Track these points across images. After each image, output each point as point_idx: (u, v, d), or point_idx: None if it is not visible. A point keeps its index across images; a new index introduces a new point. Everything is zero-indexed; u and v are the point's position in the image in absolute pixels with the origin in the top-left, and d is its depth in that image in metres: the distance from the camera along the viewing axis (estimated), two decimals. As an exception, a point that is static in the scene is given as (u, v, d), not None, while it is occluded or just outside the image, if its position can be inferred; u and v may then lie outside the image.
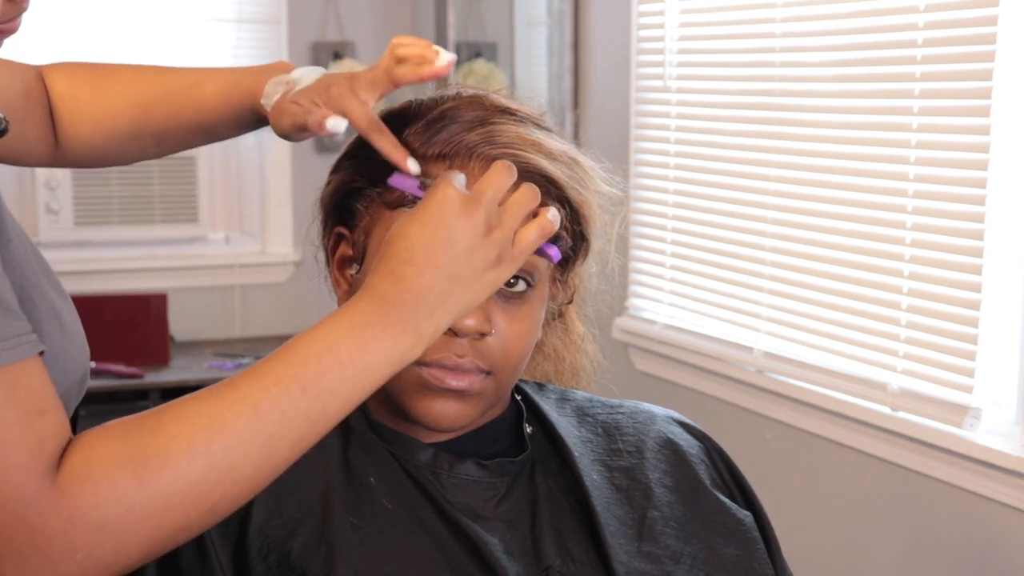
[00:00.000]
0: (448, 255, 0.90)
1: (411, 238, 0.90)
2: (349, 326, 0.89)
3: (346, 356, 0.88)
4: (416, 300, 0.90)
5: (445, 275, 0.90)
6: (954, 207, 2.22)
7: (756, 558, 1.19)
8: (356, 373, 0.89)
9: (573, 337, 1.29)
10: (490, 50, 3.91)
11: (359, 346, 0.89)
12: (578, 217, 1.14)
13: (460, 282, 0.90)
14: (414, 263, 0.90)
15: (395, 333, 0.89)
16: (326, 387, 0.88)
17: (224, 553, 1.08)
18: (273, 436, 0.87)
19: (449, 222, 0.90)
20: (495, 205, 0.92)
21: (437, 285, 0.90)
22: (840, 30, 2.49)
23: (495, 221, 0.92)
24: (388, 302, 0.90)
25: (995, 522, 2.20)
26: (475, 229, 0.90)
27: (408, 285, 0.90)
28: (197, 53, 3.83)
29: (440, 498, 1.11)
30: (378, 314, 0.89)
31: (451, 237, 0.90)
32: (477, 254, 0.91)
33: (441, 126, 1.10)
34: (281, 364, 0.88)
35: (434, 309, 0.90)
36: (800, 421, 2.67)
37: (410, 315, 0.90)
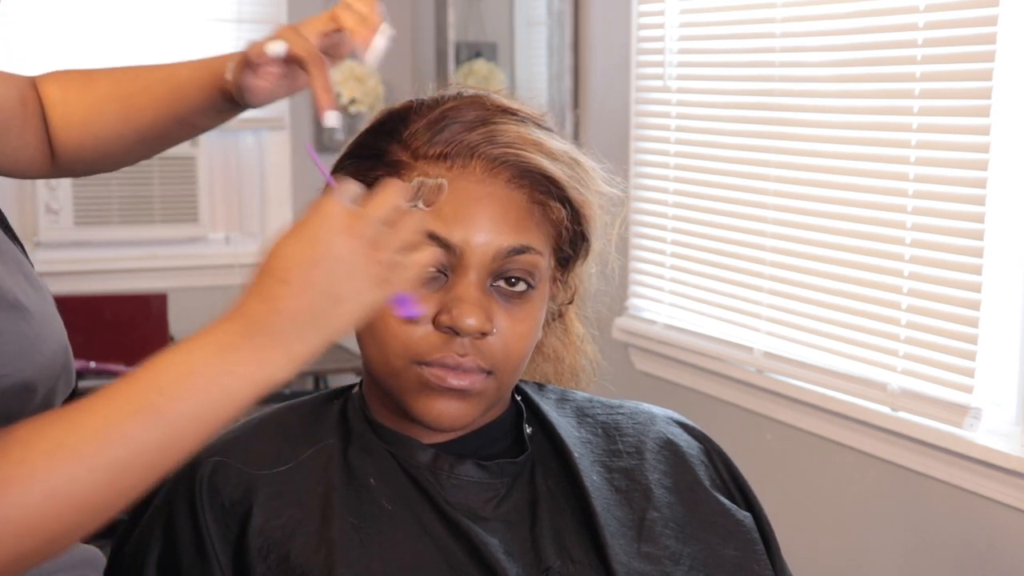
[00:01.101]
0: (326, 274, 0.84)
1: (288, 256, 0.85)
2: (213, 349, 0.84)
3: (206, 382, 0.84)
4: (288, 322, 0.84)
5: (321, 295, 0.85)
6: (954, 207, 2.22)
7: (755, 559, 1.19)
8: (215, 400, 0.84)
9: (572, 338, 1.29)
10: (490, 50, 3.91)
11: (222, 371, 0.84)
12: (579, 217, 1.14)
13: (337, 302, 0.85)
14: (289, 283, 0.84)
15: (262, 357, 0.85)
16: (182, 414, 0.83)
17: (224, 553, 1.08)
18: (121, 463, 0.82)
19: (330, 240, 0.85)
20: (381, 225, 0.87)
21: (312, 305, 0.85)
22: (840, 30, 2.49)
23: (381, 241, 0.86)
24: (257, 323, 0.85)
25: (995, 522, 2.20)
26: (357, 249, 0.85)
27: (281, 306, 0.84)
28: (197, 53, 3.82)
29: (440, 499, 1.11)
30: (245, 336, 0.85)
31: (330, 255, 0.85)
32: (358, 275, 0.85)
33: (442, 126, 1.10)
34: (136, 388, 0.84)
35: (306, 330, 0.85)
36: (800, 421, 2.67)
37: (280, 337, 0.84)
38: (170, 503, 1.11)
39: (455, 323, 1.06)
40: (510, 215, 1.09)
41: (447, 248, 1.07)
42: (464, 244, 1.07)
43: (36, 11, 3.65)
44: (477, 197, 1.08)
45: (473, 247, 1.07)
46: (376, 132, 1.15)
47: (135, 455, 0.83)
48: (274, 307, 0.85)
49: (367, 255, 0.86)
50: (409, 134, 1.11)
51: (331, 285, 0.85)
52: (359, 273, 0.85)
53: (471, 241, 1.07)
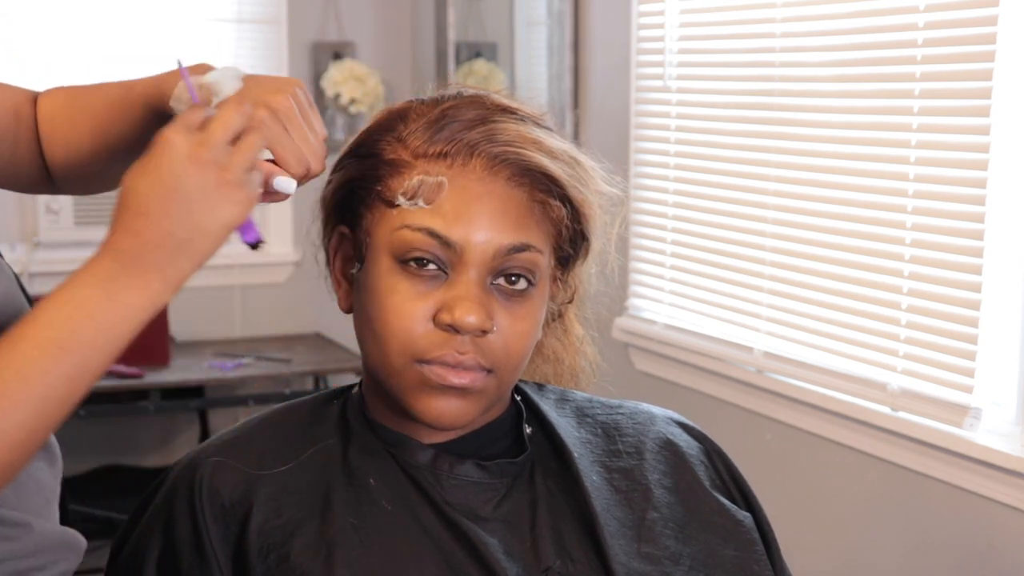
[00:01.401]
0: (181, 202, 0.90)
1: (142, 192, 0.91)
2: (95, 283, 0.91)
3: (96, 311, 0.90)
4: (157, 250, 0.90)
5: (181, 222, 0.90)
6: (954, 207, 2.22)
7: (755, 559, 1.19)
8: (110, 326, 0.91)
9: (572, 339, 1.29)
10: (490, 50, 3.91)
11: (107, 299, 0.90)
12: (579, 216, 1.14)
13: (198, 226, 0.91)
14: (148, 215, 0.90)
15: (140, 284, 0.91)
16: (83, 343, 0.90)
17: (224, 554, 1.08)
18: (40, 398, 0.89)
19: (177, 171, 0.90)
20: (225, 146, 0.92)
21: (175, 233, 0.90)
22: (840, 30, 2.49)
23: (224, 161, 0.92)
24: (128, 255, 0.91)
25: (995, 522, 2.20)
26: (203, 174, 0.90)
27: (145, 237, 0.90)
28: (197, 53, 3.83)
29: (440, 499, 1.11)
30: (120, 268, 0.91)
31: (182, 184, 0.90)
32: (210, 197, 0.91)
33: (442, 125, 1.10)
34: (34, 328, 0.90)
35: (175, 255, 0.91)
36: (800, 421, 2.67)
37: (152, 265, 0.91)
38: (170, 503, 1.11)
39: (455, 321, 1.06)
40: (510, 213, 1.09)
41: (447, 246, 1.07)
42: (464, 242, 1.07)
43: (36, 11, 3.65)
44: (477, 195, 1.08)
45: (473, 245, 1.07)
46: (376, 131, 1.15)
47: (51, 389, 0.89)
48: (139, 239, 0.91)
49: (216, 177, 0.91)
50: (409, 133, 1.11)
51: (188, 212, 0.90)
52: (212, 196, 0.91)
53: (471, 239, 1.07)
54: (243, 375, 3.54)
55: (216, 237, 0.92)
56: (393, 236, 1.09)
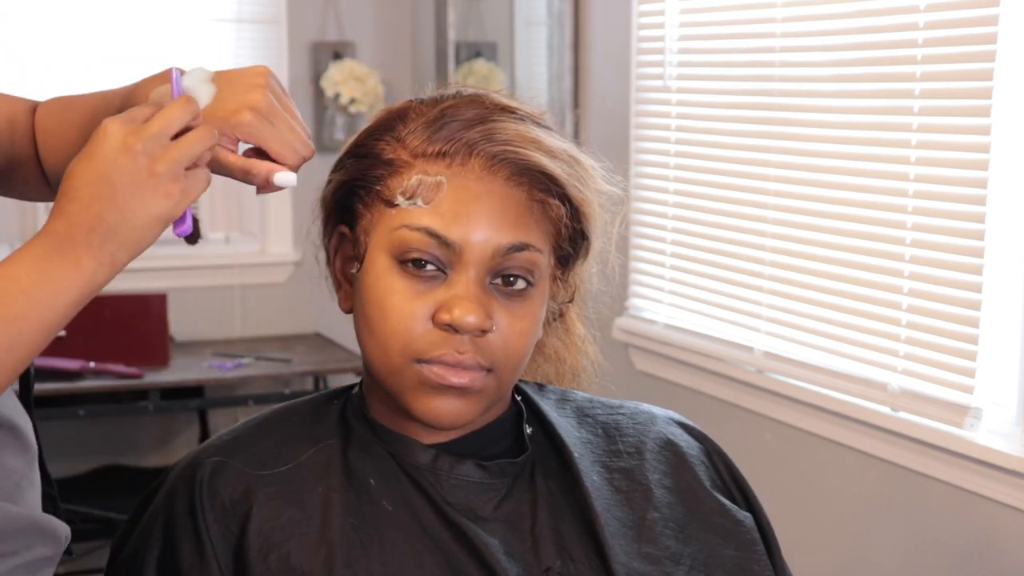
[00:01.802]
0: (110, 190, 0.92)
1: (76, 176, 0.94)
2: (31, 260, 0.94)
3: (29, 284, 0.93)
4: (87, 232, 0.93)
5: (109, 208, 0.93)
6: (954, 207, 2.22)
7: (756, 559, 1.19)
8: (43, 299, 0.93)
9: (574, 339, 1.29)
10: (490, 50, 3.91)
11: (40, 275, 0.93)
12: (578, 215, 1.14)
13: (128, 214, 0.93)
14: (79, 200, 0.93)
15: (71, 262, 0.93)
16: (17, 314, 0.92)
17: (224, 554, 1.08)
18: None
19: (109, 158, 0.93)
20: (162, 139, 0.94)
21: (105, 218, 0.93)
22: (840, 30, 2.49)
23: (159, 154, 0.93)
24: (60, 237, 0.93)
25: (995, 522, 2.20)
26: (134, 163, 0.92)
27: (76, 220, 0.93)
28: (197, 53, 3.83)
29: (440, 500, 1.11)
30: (55, 248, 0.93)
31: (109, 172, 0.92)
32: (139, 187, 0.93)
33: (441, 124, 1.10)
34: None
35: (106, 240, 0.93)
36: (800, 421, 2.67)
37: (84, 247, 0.93)
38: (170, 503, 1.11)
39: (455, 321, 1.06)
40: (509, 212, 1.09)
41: (446, 245, 1.07)
42: (463, 241, 1.07)
43: (36, 12, 3.65)
44: (476, 195, 1.08)
45: (472, 244, 1.07)
46: (375, 131, 1.15)
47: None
48: (70, 222, 0.93)
49: (146, 170, 0.93)
50: (408, 132, 1.11)
51: (116, 199, 0.93)
52: (141, 185, 0.93)
53: (470, 239, 1.07)
54: (243, 375, 3.54)
55: (146, 227, 0.94)
56: (392, 236, 1.09)
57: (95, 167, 0.93)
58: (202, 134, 0.96)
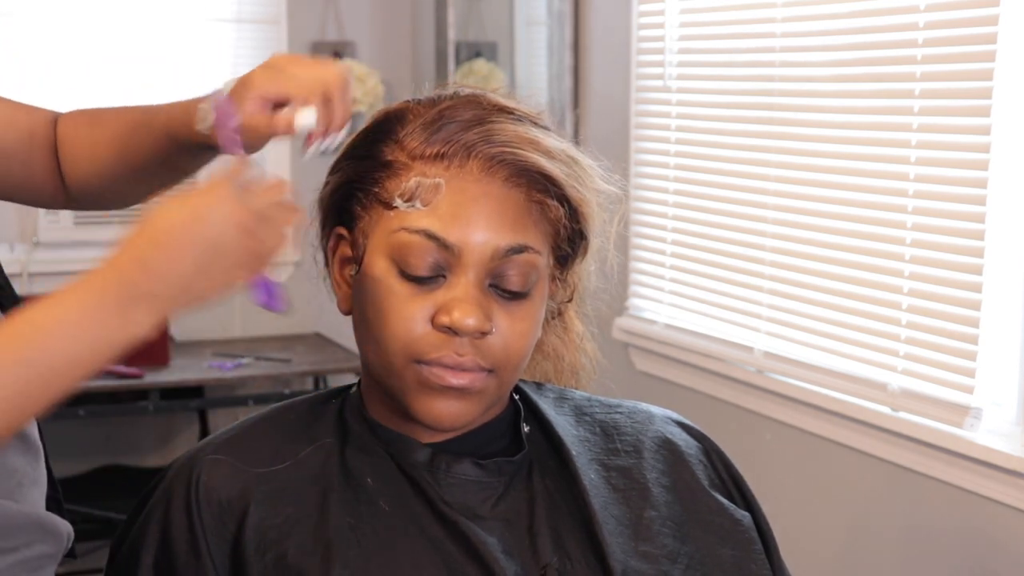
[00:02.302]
0: (201, 249, 0.90)
1: (169, 225, 0.90)
2: (85, 301, 0.89)
3: (73, 331, 0.89)
4: (157, 285, 0.89)
5: (192, 267, 0.90)
6: (954, 207, 2.22)
7: (753, 559, 1.19)
8: (80, 350, 0.89)
9: (572, 336, 1.29)
10: (490, 50, 3.90)
11: (87, 322, 0.89)
12: (577, 215, 1.14)
13: (206, 276, 0.91)
14: (166, 249, 0.89)
15: (128, 315, 0.89)
16: (49, 361, 0.88)
17: (220, 551, 1.08)
18: None
19: (211, 218, 0.90)
20: (263, 216, 0.93)
21: (182, 274, 0.90)
22: (840, 30, 2.49)
23: (263, 236, 0.93)
24: (128, 283, 0.89)
25: (995, 522, 2.20)
26: (245, 245, 0.91)
27: (153, 269, 0.89)
28: (197, 53, 3.83)
29: (437, 498, 1.11)
30: (115, 293, 0.89)
31: (219, 244, 0.90)
32: (229, 256, 0.91)
33: (439, 126, 1.10)
34: (8, 332, 0.89)
35: (173, 297, 0.90)
36: (800, 421, 2.66)
37: (146, 299, 0.89)
38: (166, 501, 1.11)
39: (454, 323, 1.06)
40: (508, 214, 1.09)
41: (445, 248, 1.07)
42: (462, 244, 1.07)
43: (37, 12, 3.65)
44: (474, 196, 1.08)
45: (471, 247, 1.07)
46: (373, 133, 1.15)
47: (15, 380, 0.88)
48: (148, 270, 0.89)
49: (241, 239, 0.91)
50: (406, 134, 1.11)
51: (203, 260, 0.90)
52: (231, 255, 0.91)
53: (469, 241, 1.07)
54: (243, 375, 3.54)
55: (216, 292, 0.93)
56: (391, 238, 1.09)
57: (192, 223, 0.90)
58: (291, 211, 0.96)
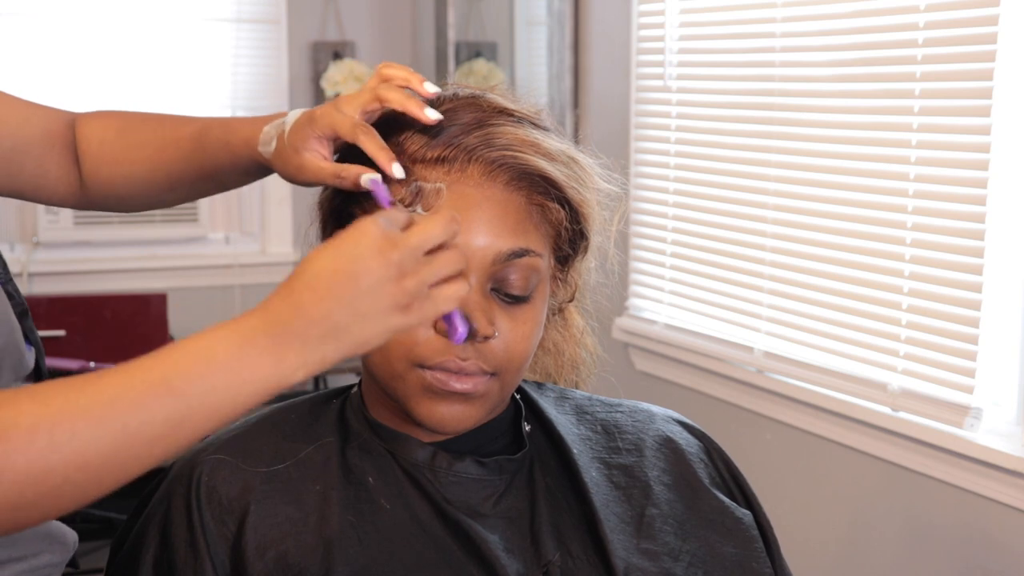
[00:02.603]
0: (351, 289, 0.88)
1: (319, 265, 0.89)
2: (234, 339, 0.87)
3: (221, 369, 0.87)
4: (308, 326, 0.88)
5: (343, 308, 0.88)
6: (955, 207, 2.22)
7: (755, 557, 1.19)
8: (227, 387, 0.87)
9: (572, 331, 1.29)
10: (490, 50, 3.91)
11: (238, 361, 0.87)
12: (578, 217, 1.14)
13: (359, 319, 0.88)
14: (315, 290, 0.88)
15: (278, 355, 0.88)
16: (194, 392, 0.86)
17: (221, 551, 1.08)
18: (127, 430, 0.84)
19: (360, 257, 0.88)
20: (418, 253, 0.89)
21: (333, 316, 0.88)
22: (840, 30, 2.49)
23: (410, 268, 0.89)
24: (279, 322, 0.88)
25: (995, 522, 2.20)
26: (385, 271, 0.88)
27: (304, 310, 0.88)
28: (196, 53, 3.83)
29: (439, 497, 1.11)
30: (265, 332, 0.88)
31: (357, 272, 0.88)
32: (382, 296, 0.88)
33: (439, 129, 1.10)
34: (154, 361, 0.87)
35: (325, 339, 0.88)
36: (800, 421, 2.66)
37: (297, 340, 0.88)
38: (167, 501, 1.11)
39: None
40: (509, 218, 1.08)
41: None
42: (463, 248, 1.07)
43: (36, 11, 3.65)
44: (476, 201, 1.08)
45: (472, 251, 1.07)
46: (373, 136, 1.14)
47: (142, 424, 0.85)
48: (297, 310, 0.88)
49: (394, 280, 0.88)
50: (405, 138, 1.11)
51: (354, 301, 0.87)
52: (383, 296, 0.88)
53: (470, 245, 1.07)
54: (243, 375, 3.53)
55: (374, 336, 0.89)
56: (392, 242, 1.08)
57: (342, 263, 0.88)
58: (457, 256, 0.92)
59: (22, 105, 1.26)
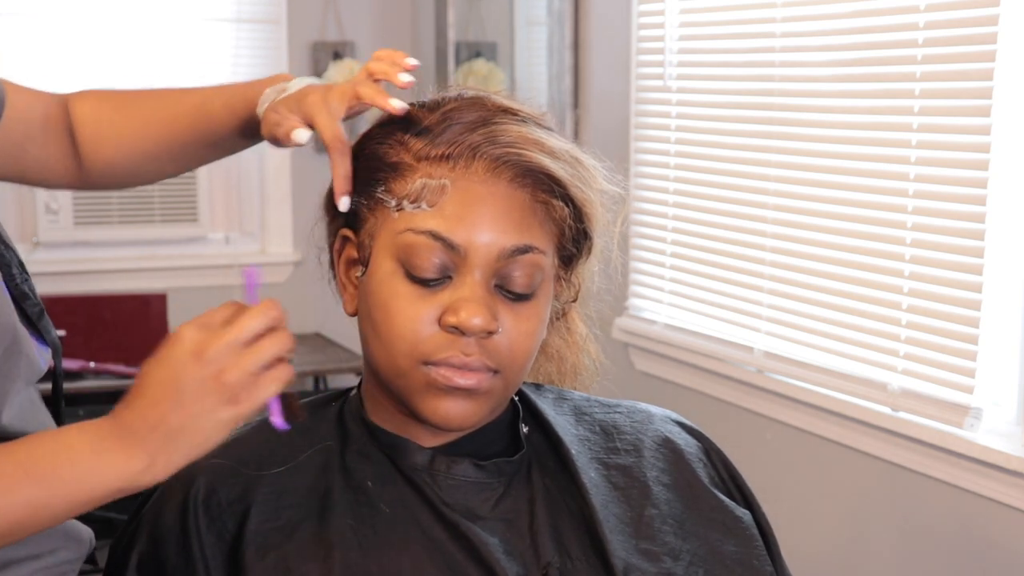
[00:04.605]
0: (176, 394, 0.93)
1: (149, 375, 0.95)
2: (87, 436, 0.95)
3: (79, 456, 0.94)
4: (148, 431, 0.94)
5: (175, 412, 0.93)
6: (955, 207, 2.22)
7: (755, 555, 1.19)
8: (87, 479, 0.94)
9: (575, 337, 1.29)
10: (490, 50, 3.91)
11: (97, 454, 0.94)
12: (581, 215, 1.14)
13: (192, 419, 0.93)
14: (146, 396, 0.94)
15: (129, 454, 0.94)
16: (53, 478, 0.93)
17: (217, 553, 1.08)
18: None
19: (179, 363, 0.93)
20: (235, 346, 0.93)
21: (167, 420, 0.93)
22: (840, 30, 2.49)
23: (229, 363, 0.93)
24: (124, 426, 0.95)
25: (995, 522, 2.20)
26: (202, 372, 0.93)
27: (143, 416, 0.94)
28: (196, 53, 3.83)
29: (438, 500, 1.11)
30: (114, 434, 0.94)
31: (177, 378, 0.93)
32: (206, 394, 0.93)
33: (444, 127, 1.10)
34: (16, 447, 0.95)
35: (167, 442, 0.94)
36: (800, 421, 2.67)
37: (141, 443, 0.94)
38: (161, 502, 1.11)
39: (461, 323, 1.06)
40: (513, 214, 1.09)
41: (451, 249, 1.07)
42: (468, 244, 1.07)
43: (36, 10, 3.65)
44: (480, 197, 1.08)
45: (477, 247, 1.07)
46: (377, 134, 1.15)
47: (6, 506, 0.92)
48: (138, 416, 0.94)
49: (214, 377, 0.93)
50: (410, 136, 1.11)
51: (182, 403, 0.93)
52: (207, 394, 0.93)
53: (475, 241, 1.07)
54: (243, 375, 3.53)
55: (212, 431, 0.94)
56: (397, 239, 1.09)
57: (165, 370, 0.94)
58: (279, 340, 0.95)
59: (24, 92, 1.29)
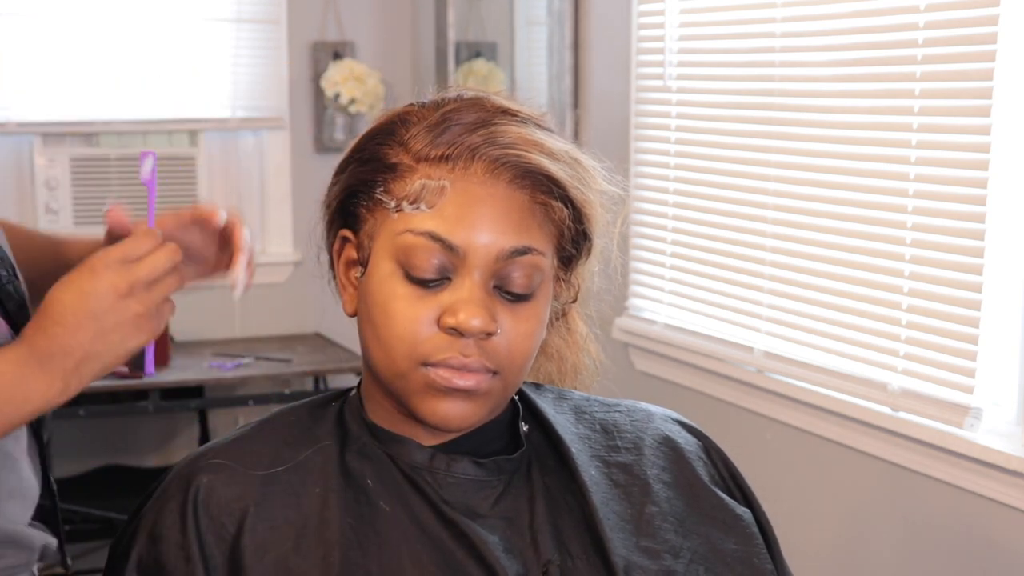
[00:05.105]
0: (96, 325, 1.04)
1: (64, 304, 1.04)
2: (10, 361, 1.03)
3: (9, 384, 1.03)
4: (64, 356, 1.04)
5: (92, 342, 1.04)
6: (955, 207, 2.22)
7: (756, 553, 1.19)
8: (12, 400, 1.03)
9: (576, 337, 1.29)
10: (490, 50, 3.91)
11: (21, 378, 1.03)
12: (580, 216, 1.14)
13: (107, 347, 1.05)
14: (64, 325, 1.04)
15: (48, 380, 1.04)
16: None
17: (217, 553, 1.08)
18: None
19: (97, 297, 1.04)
20: (147, 284, 1.06)
21: (85, 347, 1.04)
22: (840, 30, 2.49)
23: (145, 299, 1.06)
24: (40, 353, 1.04)
25: (995, 522, 2.20)
26: (123, 306, 1.04)
27: (58, 343, 1.04)
28: (196, 53, 3.83)
29: (437, 498, 1.11)
30: (35, 360, 1.04)
31: (98, 311, 1.03)
32: (122, 328, 1.05)
33: (443, 128, 1.10)
34: None
35: (81, 365, 1.05)
36: (800, 421, 2.67)
37: (59, 368, 1.04)
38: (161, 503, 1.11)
39: (460, 324, 1.06)
40: (512, 216, 1.09)
41: (450, 250, 1.07)
42: (467, 245, 1.07)
43: (35, 11, 3.65)
44: (479, 198, 1.08)
45: (476, 248, 1.07)
46: (377, 135, 1.15)
47: None
48: (52, 343, 1.04)
49: (134, 311, 1.05)
50: (410, 137, 1.11)
51: (102, 334, 1.04)
52: (126, 326, 1.05)
53: (474, 242, 1.07)
54: (243, 375, 3.54)
55: (121, 357, 1.06)
56: (396, 240, 1.09)
57: (84, 301, 1.03)
58: (176, 279, 1.08)
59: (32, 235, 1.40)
